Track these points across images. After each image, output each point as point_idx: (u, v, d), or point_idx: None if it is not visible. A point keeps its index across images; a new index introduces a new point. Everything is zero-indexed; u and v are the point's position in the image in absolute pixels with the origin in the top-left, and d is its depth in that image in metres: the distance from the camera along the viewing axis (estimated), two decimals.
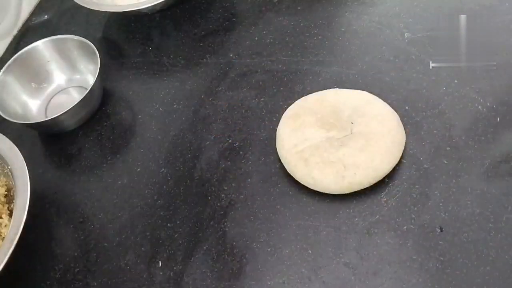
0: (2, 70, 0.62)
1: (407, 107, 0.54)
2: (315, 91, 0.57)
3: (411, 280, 0.43)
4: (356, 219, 0.48)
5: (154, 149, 0.58)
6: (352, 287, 0.44)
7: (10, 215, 0.52)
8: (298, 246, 0.47)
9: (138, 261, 0.50)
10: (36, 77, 0.65)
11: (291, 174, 0.51)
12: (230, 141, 0.56)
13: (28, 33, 0.76)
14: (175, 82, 0.64)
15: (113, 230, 0.52)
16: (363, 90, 0.56)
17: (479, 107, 0.52)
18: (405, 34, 0.60)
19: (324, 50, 0.62)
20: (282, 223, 0.49)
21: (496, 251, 0.43)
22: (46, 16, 0.78)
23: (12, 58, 0.63)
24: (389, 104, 0.53)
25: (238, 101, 0.60)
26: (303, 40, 0.63)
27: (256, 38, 0.65)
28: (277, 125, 0.54)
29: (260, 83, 0.60)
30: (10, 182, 0.52)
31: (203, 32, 0.69)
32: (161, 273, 0.48)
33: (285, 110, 0.56)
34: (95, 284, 0.49)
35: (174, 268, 0.48)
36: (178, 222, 0.51)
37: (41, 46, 0.64)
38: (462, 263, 0.43)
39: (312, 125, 0.51)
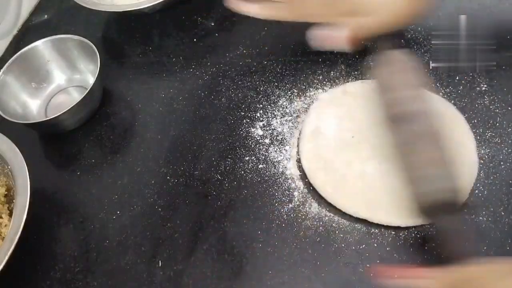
0: (2, 70, 0.62)
1: None
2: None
3: None
4: (356, 219, 0.48)
5: (154, 149, 0.58)
6: (352, 287, 0.44)
7: (10, 215, 0.52)
8: (298, 246, 0.47)
9: (138, 261, 0.50)
10: (36, 77, 0.65)
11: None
12: (230, 141, 0.56)
13: (28, 33, 0.76)
14: (175, 82, 0.64)
15: (113, 230, 0.52)
16: None
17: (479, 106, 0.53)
18: (405, 34, 0.60)
19: None
20: (282, 223, 0.49)
21: (496, 251, 0.43)
22: (46, 16, 0.78)
23: (12, 58, 0.63)
24: None
25: (238, 101, 0.60)
26: (303, 40, 0.63)
27: (256, 38, 0.65)
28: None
29: (260, 83, 0.60)
30: (10, 182, 0.52)
31: (203, 32, 0.68)
32: (161, 273, 0.48)
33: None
34: (95, 284, 0.49)
35: (174, 268, 0.48)
36: (178, 222, 0.51)
37: (41, 46, 0.64)
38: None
39: None
